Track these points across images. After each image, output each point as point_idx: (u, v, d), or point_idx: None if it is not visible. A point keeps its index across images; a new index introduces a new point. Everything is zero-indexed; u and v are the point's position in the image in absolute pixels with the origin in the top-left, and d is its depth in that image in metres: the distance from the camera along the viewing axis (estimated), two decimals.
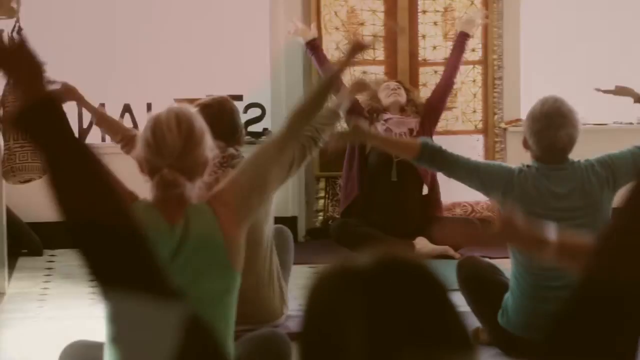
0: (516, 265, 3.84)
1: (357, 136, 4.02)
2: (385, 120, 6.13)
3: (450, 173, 3.90)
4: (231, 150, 4.16)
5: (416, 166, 6.10)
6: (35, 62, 1.39)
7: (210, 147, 2.63)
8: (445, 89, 6.20)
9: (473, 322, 4.03)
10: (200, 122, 2.60)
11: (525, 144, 3.83)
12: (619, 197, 3.95)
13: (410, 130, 6.11)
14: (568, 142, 3.74)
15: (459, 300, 4.11)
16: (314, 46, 6.26)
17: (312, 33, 6.31)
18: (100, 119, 4.29)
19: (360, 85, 4.31)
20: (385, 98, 6.16)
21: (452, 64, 6.19)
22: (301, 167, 4.27)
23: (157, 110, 2.68)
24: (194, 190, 2.61)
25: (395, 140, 4.05)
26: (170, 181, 2.52)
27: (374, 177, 6.16)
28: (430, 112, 6.19)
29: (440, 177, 6.46)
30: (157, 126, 2.56)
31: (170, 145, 2.54)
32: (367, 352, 1.06)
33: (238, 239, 2.59)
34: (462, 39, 6.18)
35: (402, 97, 6.17)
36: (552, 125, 3.70)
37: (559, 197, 3.76)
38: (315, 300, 1.13)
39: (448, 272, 4.39)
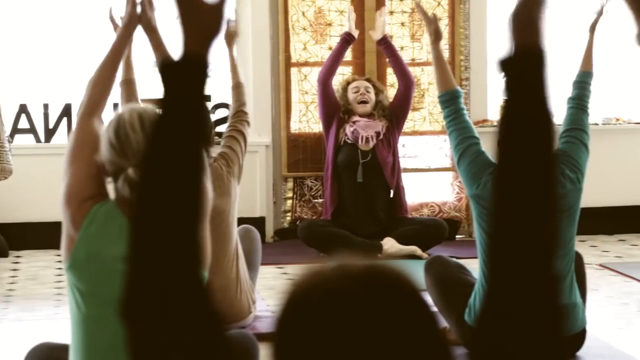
0: (484, 262, 3.85)
1: (435, 26, 4.14)
2: (354, 122, 6.16)
3: (448, 132, 4.01)
4: None
5: (382, 168, 6.15)
6: (217, 24, 1.30)
7: None
8: (404, 92, 6.22)
9: (441, 322, 4.04)
10: None
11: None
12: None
13: (377, 133, 6.15)
14: None
15: (428, 300, 4.12)
16: (347, 41, 6.23)
17: (356, 33, 6.27)
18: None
19: (231, 36, 4.51)
20: (353, 102, 6.19)
21: (396, 67, 6.22)
22: (246, 145, 4.37)
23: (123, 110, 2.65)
24: None
25: (444, 65, 4.13)
26: (136, 181, 2.49)
27: (341, 178, 6.19)
28: (394, 116, 6.23)
29: (406, 177, 6.49)
30: (120, 126, 2.52)
31: (134, 146, 2.50)
32: None
33: (205, 236, 2.57)
34: (382, 44, 6.23)
35: (371, 102, 6.20)
36: None
37: None
38: (291, 311, 1.12)
39: (415, 271, 4.40)
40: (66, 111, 6.51)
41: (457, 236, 6.69)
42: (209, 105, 6.49)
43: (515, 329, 1.21)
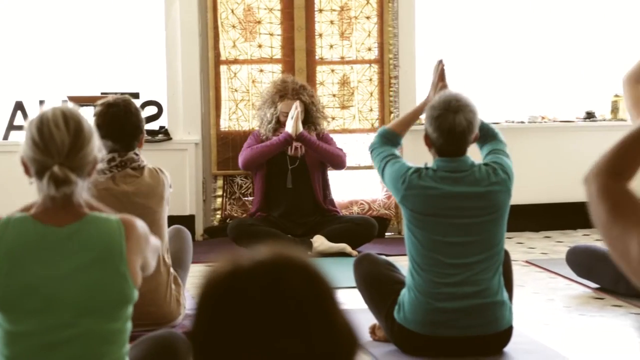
0: (412, 262, 3.88)
1: (433, 92, 4.25)
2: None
3: (373, 158, 4.14)
4: (131, 154, 4.08)
5: (310, 173, 6.16)
6: None
7: (98, 146, 2.57)
8: (332, 166, 6.21)
9: (370, 319, 4.07)
10: (88, 121, 2.53)
11: (427, 141, 3.88)
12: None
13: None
14: (467, 126, 3.80)
15: (357, 297, 4.14)
16: (288, 142, 6.06)
17: (294, 131, 6.06)
18: None
19: None
20: (284, 119, 6.13)
21: (324, 158, 6.16)
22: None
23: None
24: (84, 189, 2.53)
25: (413, 119, 4.27)
26: (62, 178, 2.45)
27: (270, 184, 6.20)
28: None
29: (336, 175, 6.52)
30: (43, 124, 2.48)
31: (58, 143, 2.46)
32: (254, 347, 1.09)
33: (137, 261, 2.53)
34: (300, 141, 6.09)
35: (299, 124, 6.09)
36: (451, 109, 3.79)
37: (451, 196, 3.82)
38: (206, 298, 1.15)
39: (345, 269, 4.42)
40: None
41: (386, 234, 6.74)
42: (137, 103, 6.44)
43: None
